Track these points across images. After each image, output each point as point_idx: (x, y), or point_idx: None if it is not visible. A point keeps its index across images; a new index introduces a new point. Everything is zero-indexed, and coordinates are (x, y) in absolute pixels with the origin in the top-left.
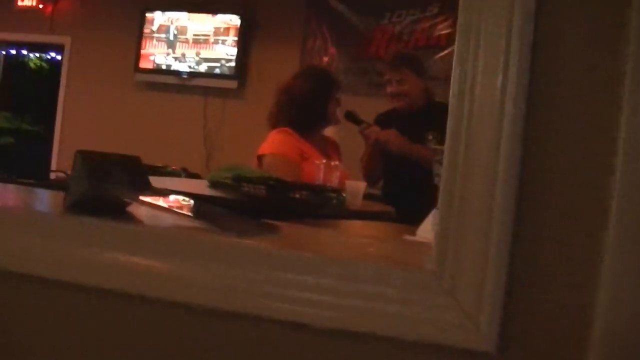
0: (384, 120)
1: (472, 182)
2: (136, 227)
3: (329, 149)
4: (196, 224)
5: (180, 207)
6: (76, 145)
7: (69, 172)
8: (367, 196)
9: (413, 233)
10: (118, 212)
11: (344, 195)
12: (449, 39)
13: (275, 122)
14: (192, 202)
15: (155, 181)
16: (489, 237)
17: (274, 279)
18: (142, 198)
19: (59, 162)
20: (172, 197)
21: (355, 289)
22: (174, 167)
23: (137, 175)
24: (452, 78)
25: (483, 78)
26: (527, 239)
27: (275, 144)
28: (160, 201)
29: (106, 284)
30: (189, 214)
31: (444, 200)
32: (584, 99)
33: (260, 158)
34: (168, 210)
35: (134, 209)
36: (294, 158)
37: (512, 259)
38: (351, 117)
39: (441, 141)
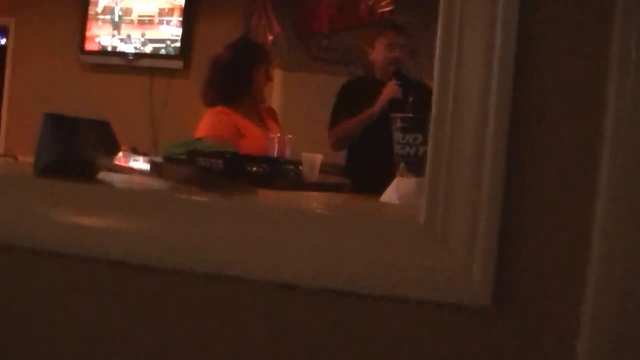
0: (353, 88)
1: (462, 129)
2: (112, 189)
3: (267, 119)
4: (173, 185)
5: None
6: (24, 129)
7: (17, 156)
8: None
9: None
10: (89, 175)
11: (301, 167)
12: (391, 16)
13: (207, 97)
14: (165, 165)
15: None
16: (480, 186)
17: (258, 237)
18: (115, 161)
19: (7, 146)
20: (141, 163)
21: (343, 243)
22: (123, 147)
23: (107, 138)
24: (439, 26)
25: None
26: (519, 190)
27: (209, 125)
28: (133, 164)
29: (86, 251)
30: (165, 175)
31: (433, 149)
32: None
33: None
34: (143, 172)
35: (105, 174)
36: (230, 137)
37: (504, 211)
38: (399, 75)
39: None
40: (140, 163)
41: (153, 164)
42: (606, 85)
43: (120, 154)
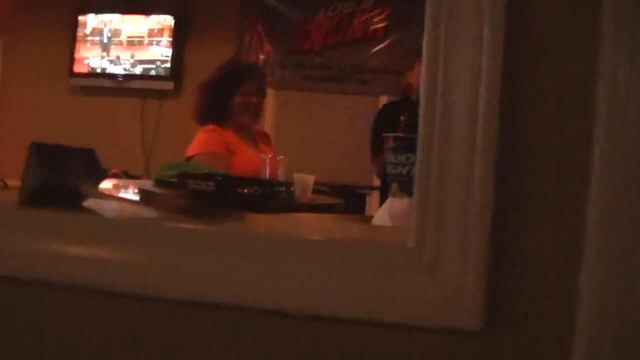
0: (395, 108)
1: (450, 154)
2: (99, 218)
3: (259, 140)
4: (159, 213)
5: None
6: (12, 152)
7: (6, 180)
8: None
9: (368, 223)
10: (75, 203)
11: (293, 188)
12: (386, 32)
13: (199, 117)
14: (153, 192)
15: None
16: (469, 210)
17: (246, 265)
18: (100, 189)
19: None
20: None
21: (331, 270)
22: (114, 171)
23: (93, 166)
24: (423, 45)
25: (455, 48)
26: (510, 211)
27: (201, 143)
28: (120, 192)
29: (72, 279)
30: (151, 203)
31: (421, 174)
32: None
33: (189, 159)
34: (129, 200)
35: (92, 201)
36: (222, 154)
37: (495, 232)
38: None
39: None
40: (129, 194)
41: (143, 193)
42: (595, 97)
43: (110, 185)
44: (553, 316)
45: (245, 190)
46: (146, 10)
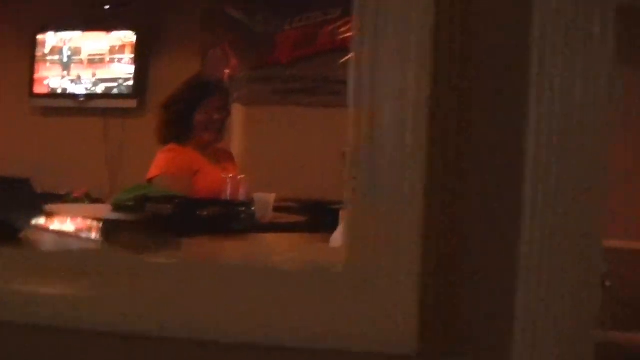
0: None
1: (378, 175)
2: (33, 252)
3: (223, 159)
4: (94, 244)
5: (83, 229)
6: None
7: None
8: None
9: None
10: (8, 238)
11: (253, 208)
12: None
13: (161, 136)
14: (95, 224)
15: (58, 209)
16: (400, 233)
17: (173, 295)
18: (34, 222)
19: None
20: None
21: (260, 297)
22: (76, 195)
23: (28, 197)
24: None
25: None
26: (443, 235)
27: (161, 164)
28: (58, 225)
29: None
30: (87, 235)
31: (354, 196)
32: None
33: (150, 182)
34: (61, 233)
35: (26, 234)
36: (183, 175)
37: (426, 256)
38: None
39: None
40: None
41: (105, 225)
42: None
43: (73, 228)
44: (490, 338)
45: (205, 213)
46: (107, 27)
